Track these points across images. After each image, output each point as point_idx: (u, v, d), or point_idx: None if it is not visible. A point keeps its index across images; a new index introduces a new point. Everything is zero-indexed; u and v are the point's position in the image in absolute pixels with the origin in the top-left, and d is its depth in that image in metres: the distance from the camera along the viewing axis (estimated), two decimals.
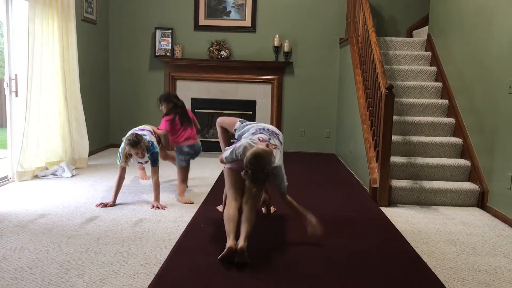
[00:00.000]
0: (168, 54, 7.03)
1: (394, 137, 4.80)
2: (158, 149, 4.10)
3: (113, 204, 4.00)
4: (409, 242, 3.29)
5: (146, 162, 4.23)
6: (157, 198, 4.02)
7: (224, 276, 2.55)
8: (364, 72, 5.34)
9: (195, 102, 7.19)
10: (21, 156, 4.71)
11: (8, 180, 4.72)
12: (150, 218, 3.67)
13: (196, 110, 7.21)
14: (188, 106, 7.15)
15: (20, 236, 3.14)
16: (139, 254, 2.89)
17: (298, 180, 5.24)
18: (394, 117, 4.99)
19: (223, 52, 7.00)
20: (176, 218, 3.68)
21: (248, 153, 2.80)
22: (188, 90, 7.17)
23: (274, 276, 2.57)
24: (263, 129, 3.23)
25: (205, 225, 3.48)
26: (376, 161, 4.45)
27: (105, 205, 3.96)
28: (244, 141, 3.06)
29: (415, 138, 4.82)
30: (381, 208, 4.20)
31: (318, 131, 7.23)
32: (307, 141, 7.25)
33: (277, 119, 7.16)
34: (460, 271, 2.81)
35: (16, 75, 4.71)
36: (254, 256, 2.81)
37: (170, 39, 7.02)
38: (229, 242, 2.68)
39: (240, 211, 2.91)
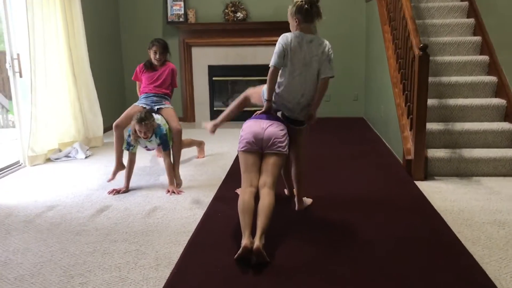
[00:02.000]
0: (181, 19, 6.61)
1: (429, 101, 4.31)
2: (167, 132, 3.78)
3: (126, 190, 3.76)
4: (450, 225, 2.92)
5: (153, 149, 3.94)
6: (171, 182, 3.75)
7: (240, 281, 2.27)
8: (393, 29, 4.84)
9: (213, 69, 6.82)
10: (31, 140, 4.49)
11: (20, 165, 4.52)
12: (164, 205, 3.41)
13: (214, 78, 6.85)
14: (205, 74, 6.82)
15: (25, 235, 2.93)
16: (150, 253, 2.64)
17: (322, 150, 4.89)
18: (430, 78, 4.53)
19: (239, 13, 6.54)
20: (192, 205, 3.41)
21: None
22: (205, 57, 6.79)
23: (298, 278, 2.28)
24: None
25: (223, 213, 3.19)
26: (410, 130, 4.04)
27: (118, 192, 3.72)
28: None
29: (452, 101, 4.36)
30: (416, 182, 3.82)
31: (345, 94, 6.78)
32: (333, 105, 6.82)
33: None
34: None
35: (18, 55, 4.42)
36: (274, 252, 2.51)
37: (182, 3, 6.59)
38: (244, 240, 2.38)
39: (257, 198, 2.59)
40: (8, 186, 3.96)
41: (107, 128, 5.73)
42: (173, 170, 3.81)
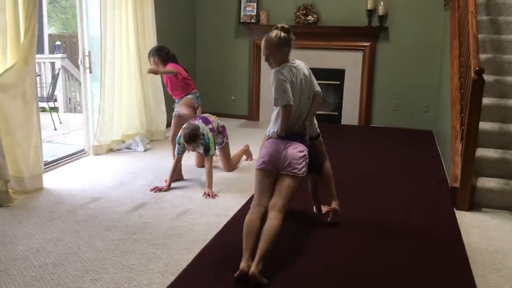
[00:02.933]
0: (253, 20, 6.72)
1: (490, 125, 4.08)
2: (209, 140, 3.92)
3: (168, 188, 3.96)
4: (473, 267, 2.75)
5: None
6: (209, 185, 3.89)
7: None
8: (461, 45, 4.55)
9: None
10: (98, 131, 4.87)
11: (84, 153, 4.92)
12: (195, 209, 3.55)
13: None
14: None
15: (64, 224, 3.22)
16: (164, 257, 2.79)
17: (370, 164, 4.77)
18: (493, 100, 4.24)
19: (310, 17, 6.50)
20: (221, 211, 3.52)
21: None
22: None
23: None
24: None
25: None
26: (460, 156, 3.81)
27: (160, 190, 3.93)
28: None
29: None
30: (459, 212, 3.61)
31: (415, 105, 6.49)
32: (401, 115, 6.57)
33: (368, 90, 6.56)
34: None
35: (89, 52, 4.80)
36: (277, 274, 2.54)
37: (255, 4, 6.69)
38: (242, 263, 2.43)
39: (264, 219, 2.62)
40: (69, 173, 4.34)
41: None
42: (212, 174, 3.94)
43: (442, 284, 2.54)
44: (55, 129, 6.30)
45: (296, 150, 2.77)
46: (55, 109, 7.14)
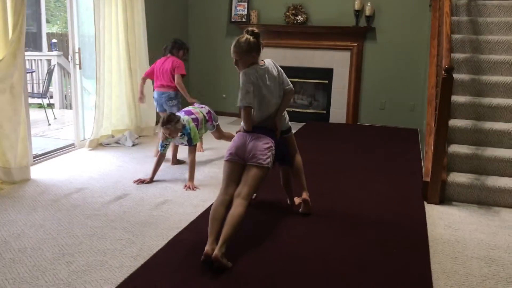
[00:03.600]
0: (243, 19, 6.86)
1: (464, 122, 4.21)
2: (190, 130, 4.06)
3: (150, 181, 4.10)
4: (433, 255, 2.88)
5: (185, 144, 4.23)
6: (191, 178, 4.03)
7: (194, 282, 2.47)
8: (439, 45, 4.68)
9: None
10: (95, 126, 5.03)
11: (74, 147, 5.08)
12: (175, 200, 3.70)
13: None
14: None
15: (47, 212, 3.37)
16: (138, 243, 2.93)
17: (348, 159, 4.91)
18: (469, 98, 4.37)
19: (299, 17, 6.64)
20: (200, 202, 3.66)
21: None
22: (263, 57, 6.94)
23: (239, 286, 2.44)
24: None
25: None
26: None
27: (142, 182, 4.08)
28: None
29: (488, 125, 4.15)
30: (429, 205, 3.74)
31: (401, 103, 6.62)
32: (388, 114, 6.70)
33: (355, 89, 6.70)
34: None
35: (79, 49, 4.95)
36: (242, 259, 2.69)
37: (246, 4, 6.83)
38: (206, 247, 2.58)
39: (229, 207, 2.76)
40: (57, 166, 4.49)
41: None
42: (194, 166, 4.08)
43: (400, 268, 2.67)
44: (49, 124, 6.45)
45: (262, 142, 2.91)
46: (51, 105, 7.31)
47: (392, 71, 6.55)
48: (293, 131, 3.51)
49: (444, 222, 3.44)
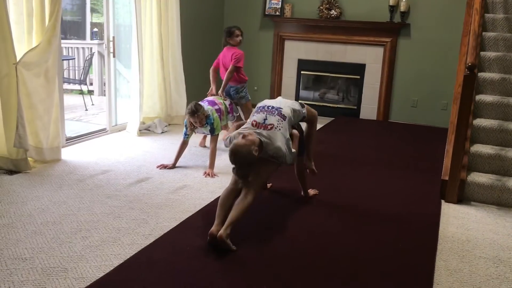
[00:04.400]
0: (277, 13, 6.91)
1: (489, 122, 4.13)
2: (213, 120, 4.18)
3: (173, 167, 4.25)
4: (440, 252, 2.88)
5: (207, 133, 4.35)
6: (211, 165, 4.15)
7: (197, 261, 2.58)
8: (468, 42, 4.58)
9: (302, 63, 7.03)
10: (140, 112, 5.26)
11: (106, 132, 5.30)
12: (193, 185, 3.83)
13: (302, 72, 7.07)
14: (295, 67, 7.05)
15: (71, 191, 3.57)
16: (151, 223, 3.07)
17: (376, 156, 4.89)
18: (497, 98, 4.28)
19: (333, 11, 6.62)
20: (217, 188, 3.77)
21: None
22: (296, 51, 7.02)
23: (248, 270, 2.52)
24: (263, 107, 3.13)
25: None
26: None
27: (165, 167, 4.23)
28: (239, 129, 2.99)
29: None
30: (447, 204, 3.71)
31: (433, 102, 6.51)
32: (419, 112, 6.60)
33: (387, 86, 6.63)
34: None
35: (113, 37, 5.16)
36: (246, 243, 2.77)
37: None
38: (212, 227, 2.68)
39: (238, 196, 2.85)
40: (88, 149, 4.72)
41: None
42: (215, 154, 4.20)
43: (403, 263, 2.69)
44: (86, 110, 6.73)
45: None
46: (90, 92, 7.61)
47: (426, 68, 6.45)
48: (322, 125, 3.57)
49: (458, 221, 3.41)
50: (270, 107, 3.10)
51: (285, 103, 3.19)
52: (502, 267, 2.76)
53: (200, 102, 4.28)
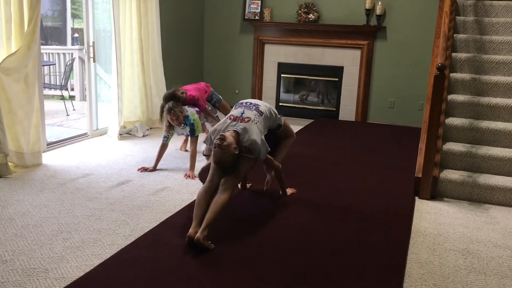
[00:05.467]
0: (256, 17, 7.02)
1: (460, 120, 4.27)
2: (193, 121, 4.24)
3: (153, 169, 4.31)
4: (412, 246, 2.99)
5: (188, 135, 4.42)
6: (192, 167, 4.21)
7: (175, 261, 2.65)
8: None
9: (282, 67, 7.13)
10: (119, 116, 5.29)
11: (87, 136, 5.33)
12: (174, 187, 3.89)
13: (282, 75, 7.17)
14: (275, 70, 7.14)
15: (52, 194, 3.61)
16: (132, 224, 3.13)
17: (354, 155, 5.00)
18: (468, 97, 4.43)
19: (311, 15, 6.75)
20: (197, 189, 3.79)
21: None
22: (276, 54, 7.13)
23: (224, 269, 2.59)
24: (242, 103, 3.31)
25: None
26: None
27: (146, 170, 4.29)
28: (216, 125, 3.11)
29: (485, 124, 4.20)
30: (420, 200, 3.83)
31: (410, 103, 6.66)
32: (396, 113, 6.75)
33: (365, 87, 6.77)
34: None
35: (93, 42, 5.20)
36: (224, 242, 2.85)
37: (259, 2, 6.99)
38: (190, 229, 2.75)
39: (214, 193, 2.93)
40: (69, 153, 4.74)
41: None
42: (195, 156, 4.27)
43: (375, 256, 2.79)
44: (67, 115, 6.74)
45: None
46: (71, 97, 7.62)
47: (402, 70, 6.60)
48: (302, 127, 3.68)
49: (431, 216, 3.53)
50: (248, 103, 3.27)
51: (263, 103, 3.33)
52: (470, 258, 2.88)
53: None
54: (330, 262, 2.70)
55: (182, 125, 4.24)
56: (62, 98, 7.08)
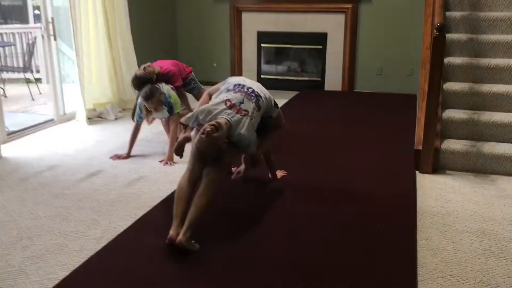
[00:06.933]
0: None
1: (459, 85, 3.94)
2: (171, 97, 3.81)
3: (127, 156, 3.90)
4: (420, 229, 2.67)
5: (167, 117, 3.98)
6: (170, 151, 3.80)
7: (153, 267, 2.28)
8: (433, 2, 4.35)
9: (262, 36, 6.70)
10: (66, 100, 4.81)
11: (53, 123, 4.87)
12: (150, 176, 3.50)
13: (262, 45, 6.74)
14: (254, 40, 6.70)
15: (13, 192, 3.18)
16: (103, 223, 2.74)
17: (340, 128, 4.67)
18: (466, 60, 4.08)
19: None
20: (177, 178, 3.35)
21: (196, 138, 2.43)
22: (254, 23, 6.67)
23: (214, 274, 2.24)
24: (242, 86, 2.77)
25: None
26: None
27: (119, 157, 3.88)
28: (208, 104, 2.65)
29: (486, 87, 3.87)
30: (422, 175, 3.52)
31: (398, 68, 6.31)
32: (385, 79, 6.40)
33: (351, 54, 6.38)
34: (464, 283, 2.18)
35: (53, 18, 4.68)
36: (210, 240, 2.49)
37: None
38: (171, 230, 2.36)
39: (197, 185, 2.55)
40: (34, 143, 4.30)
41: None
42: (175, 138, 3.85)
43: (382, 245, 2.46)
44: (33, 100, 6.24)
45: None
46: (37, 80, 7.07)
47: (389, 34, 6.22)
48: (287, 100, 3.25)
49: (435, 192, 3.22)
50: (250, 90, 2.76)
51: (265, 92, 2.85)
52: (486, 240, 2.58)
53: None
54: (333, 257, 2.36)
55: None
56: (27, 81, 6.53)
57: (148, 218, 2.80)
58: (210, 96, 2.93)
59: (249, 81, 2.86)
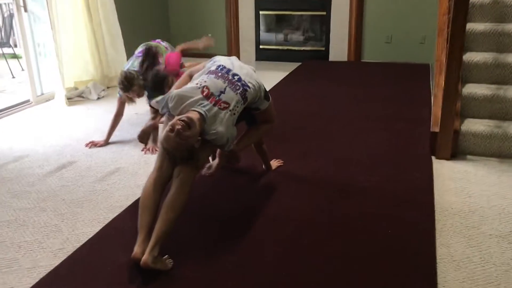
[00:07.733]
0: None
1: (482, 56, 3.44)
2: None
3: (105, 143, 3.48)
4: (440, 233, 2.24)
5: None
6: (154, 137, 3.34)
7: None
8: None
9: (260, 2, 6.17)
10: (42, 78, 4.38)
11: (30, 104, 4.43)
12: (128, 168, 3.07)
13: (261, 12, 6.20)
14: (252, 6, 6.16)
15: None
16: (65, 231, 2.33)
17: (351, 106, 4.20)
18: (489, 26, 3.58)
19: None
20: None
21: (162, 135, 1.98)
22: None
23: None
24: (227, 71, 2.27)
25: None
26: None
27: (95, 145, 3.45)
28: (181, 89, 2.18)
29: None
30: (438, 161, 3.06)
31: (410, 36, 5.77)
32: (395, 48, 5.87)
33: (357, 21, 5.83)
34: None
35: None
36: (187, 256, 2.07)
37: None
38: (135, 248, 1.93)
39: (165, 187, 2.11)
40: (5, 128, 3.88)
41: None
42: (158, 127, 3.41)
43: (394, 258, 2.03)
44: (13, 77, 5.79)
45: None
46: (17, 56, 6.59)
47: None
48: (287, 73, 2.75)
49: (456, 184, 2.76)
50: (236, 78, 2.25)
51: (254, 81, 2.32)
52: None
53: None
54: (337, 268, 1.94)
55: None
56: (4, 57, 6.06)
57: (117, 223, 2.38)
58: (190, 78, 2.45)
59: (238, 65, 2.35)
